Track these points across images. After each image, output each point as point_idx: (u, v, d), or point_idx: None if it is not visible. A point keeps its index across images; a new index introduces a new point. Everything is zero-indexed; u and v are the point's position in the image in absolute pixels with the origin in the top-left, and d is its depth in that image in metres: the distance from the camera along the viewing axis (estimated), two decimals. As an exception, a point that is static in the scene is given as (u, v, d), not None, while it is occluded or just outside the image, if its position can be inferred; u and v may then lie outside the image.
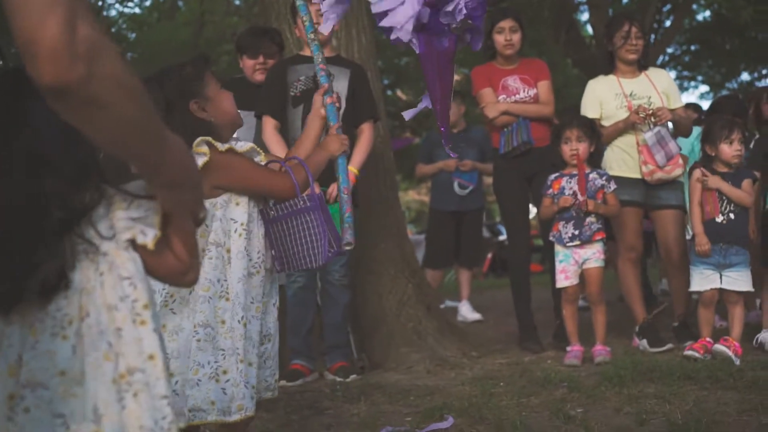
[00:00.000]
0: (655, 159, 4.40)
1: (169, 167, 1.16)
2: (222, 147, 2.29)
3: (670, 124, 4.55)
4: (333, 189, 3.87)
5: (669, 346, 4.29)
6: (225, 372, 2.24)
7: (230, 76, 4.69)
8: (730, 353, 3.84)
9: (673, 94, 4.70)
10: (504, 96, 4.75)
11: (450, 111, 2.67)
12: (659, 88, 4.61)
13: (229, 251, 2.32)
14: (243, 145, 2.42)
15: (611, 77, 4.67)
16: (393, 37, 2.36)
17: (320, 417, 3.33)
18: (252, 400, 2.29)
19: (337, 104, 2.68)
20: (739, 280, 4.04)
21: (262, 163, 2.46)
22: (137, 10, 18.30)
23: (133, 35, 18.15)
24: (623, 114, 4.52)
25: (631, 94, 4.56)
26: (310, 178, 2.47)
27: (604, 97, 4.60)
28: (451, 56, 2.41)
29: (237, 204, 2.35)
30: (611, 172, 4.45)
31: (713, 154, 4.16)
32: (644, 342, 4.37)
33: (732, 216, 4.06)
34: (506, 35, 4.73)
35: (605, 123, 4.56)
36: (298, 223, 2.43)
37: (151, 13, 17.98)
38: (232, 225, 2.33)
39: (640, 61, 4.66)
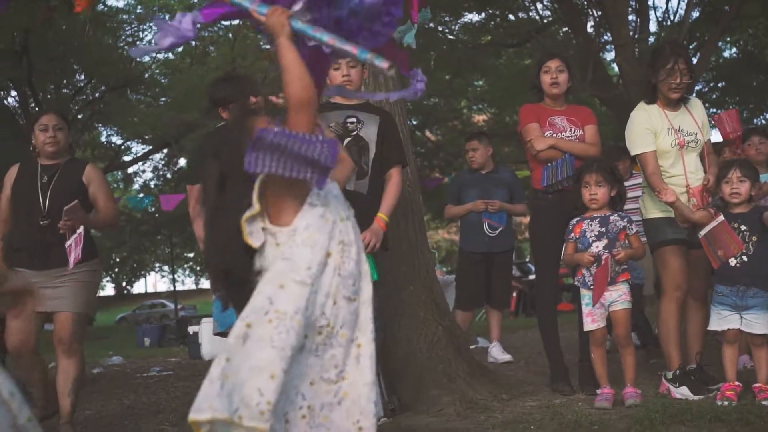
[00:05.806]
0: (712, 257, 4.13)
1: None
2: None
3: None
4: (365, 237, 3.74)
5: (717, 387, 4.09)
6: None
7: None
8: None
9: (707, 125, 4.59)
10: (551, 132, 4.71)
11: None
12: (698, 121, 4.50)
13: None
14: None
15: (654, 107, 4.48)
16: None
17: (352, 460, 3.35)
18: None
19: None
20: (756, 323, 3.97)
21: None
22: (170, 56, 18.71)
23: (166, 80, 18.56)
24: (676, 152, 4.39)
25: (679, 129, 4.43)
26: None
27: (658, 130, 4.42)
28: None
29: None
30: (652, 215, 4.41)
31: (721, 197, 4.15)
32: (684, 389, 4.21)
33: (745, 258, 4.01)
34: (552, 74, 4.74)
35: (661, 161, 4.38)
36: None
37: (184, 59, 18.37)
38: None
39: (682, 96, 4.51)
